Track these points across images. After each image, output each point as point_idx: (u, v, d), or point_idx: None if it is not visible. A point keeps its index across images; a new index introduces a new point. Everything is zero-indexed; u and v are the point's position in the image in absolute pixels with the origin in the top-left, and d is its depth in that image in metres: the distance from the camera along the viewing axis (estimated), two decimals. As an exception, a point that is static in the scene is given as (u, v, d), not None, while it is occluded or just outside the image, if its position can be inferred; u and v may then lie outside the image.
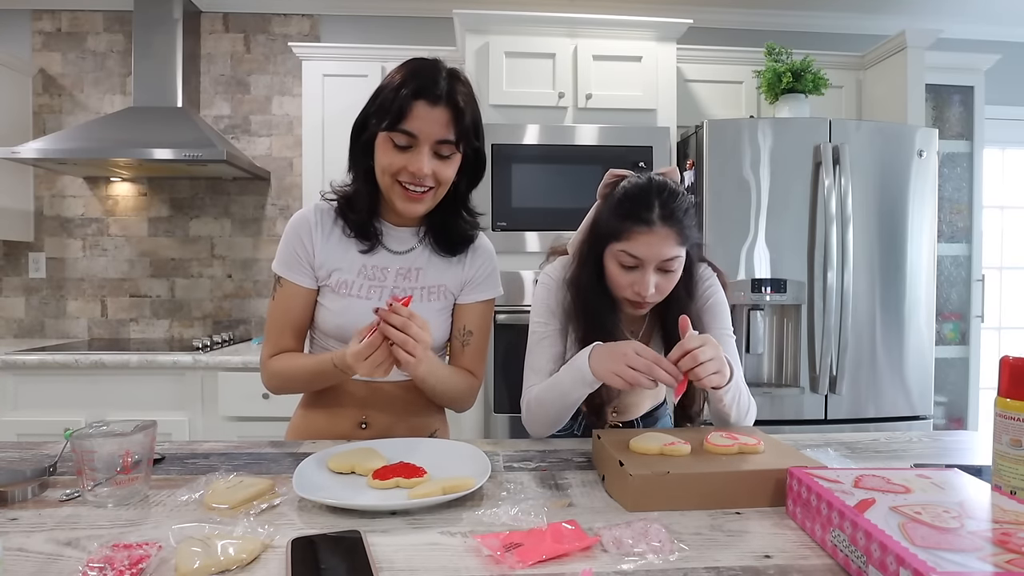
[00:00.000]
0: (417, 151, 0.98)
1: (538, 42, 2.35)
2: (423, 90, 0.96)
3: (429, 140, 0.98)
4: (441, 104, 0.97)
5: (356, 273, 1.08)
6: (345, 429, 1.11)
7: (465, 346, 1.14)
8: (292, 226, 1.10)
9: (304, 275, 1.08)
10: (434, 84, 0.97)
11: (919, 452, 1.05)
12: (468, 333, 1.14)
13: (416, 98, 0.96)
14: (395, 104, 0.96)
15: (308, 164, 2.62)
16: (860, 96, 2.74)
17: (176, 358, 2.28)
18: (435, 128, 0.97)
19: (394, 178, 1.00)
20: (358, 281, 1.07)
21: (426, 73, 0.98)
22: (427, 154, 0.98)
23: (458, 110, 0.98)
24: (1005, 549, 0.54)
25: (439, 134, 0.98)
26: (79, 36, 2.87)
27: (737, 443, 0.86)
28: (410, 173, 0.98)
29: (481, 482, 0.83)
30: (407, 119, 0.96)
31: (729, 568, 0.62)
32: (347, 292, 1.07)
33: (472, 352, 1.15)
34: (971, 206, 2.68)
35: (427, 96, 0.96)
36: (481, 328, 1.15)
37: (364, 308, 1.04)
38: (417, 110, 0.96)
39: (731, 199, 2.21)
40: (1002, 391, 0.73)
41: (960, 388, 2.68)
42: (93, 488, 0.76)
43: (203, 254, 2.94)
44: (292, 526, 0.71)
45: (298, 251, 1.08)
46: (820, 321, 2.21)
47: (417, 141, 0.97)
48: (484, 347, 1.17)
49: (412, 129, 0.97)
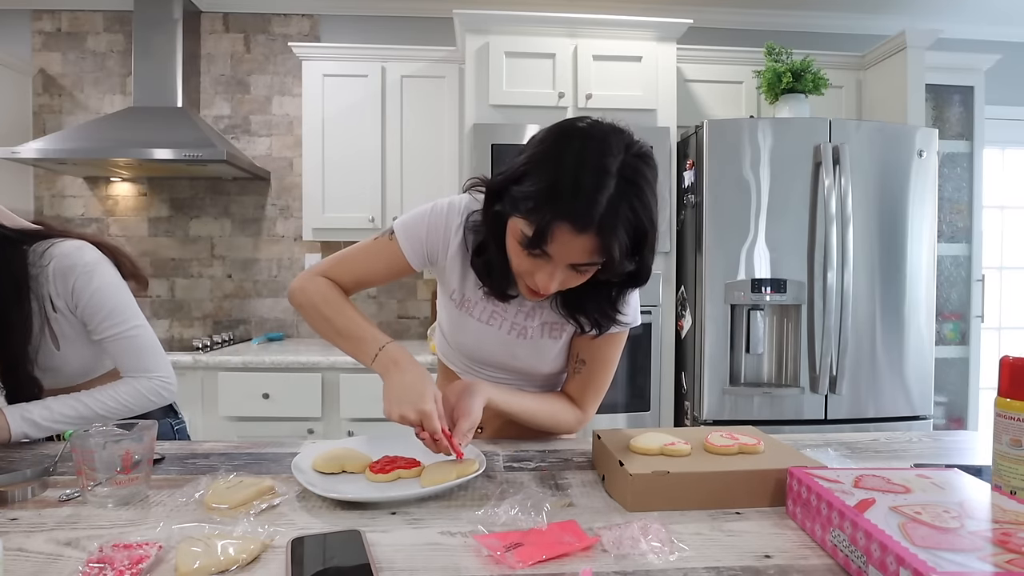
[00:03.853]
0: (547, 265, 0.83)
1: (538, 42, 2.36)
2: (570, 213, 0.76)
3: (564, 262, 0.82)
4: (591, 232, 0.77)
5: (481, 297, 1.02)
6: None
7: (576, 374, 1.07)
8: (440, 213, 0.99)
9: (415, 253, 1.00)
10: (589, 208, 0.75)
11: (919, 452, 1.05)
12: (580, 362, 1.06)
13: (560, 219, 0.76)
14: (534, 216, 0.78)
15: (308, 164, 2.62)
16: (860, 96, 2.74)
17: (176, 358, 2.28)
18: (575, 254, 0.80)
19: (519, 275, 0.89)
20: (480, 304, 1.03)
21: (580, 185, 0.76)
22: (558, 272, 0.83)
23: (612, 239, 0.77)
24: (1005, 549, 0.54)
25: (579, 259, 0.81)
26: (79, 36, 2.87)
27: (737, 443, 0.86)
28: (534, 282, 0.86)
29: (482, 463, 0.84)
30: (545, 241, 0.78)
31: (729, 568, 0.62)
32: (469, 312, 1.04)
33: (580, 382, 1.06)
34: (971, 206, 2.68)
35: (574, 221, 0.76)
36: (596, 360, 1.04)
37: (481, 332, 1.03)
38: (558, 233, 0.77)
39: (731, 199, 2.21)
40: (1002, 391, 0.73)
41: (960, 388, 2.68)
42: (93, 488, 0.76)
43: (203, 254, 2.94)
44: (292, 526, 0.71)
45: (427, 238, 0.99)
46: (820, 321, 2.21)
47: (551, 259, 0.81)
48: (599, 380, 1.06)
49: (548, 250, 0.80)
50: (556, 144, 0.81)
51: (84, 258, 1.05)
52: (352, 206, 2.63)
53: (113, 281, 1.10)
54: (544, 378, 1.10)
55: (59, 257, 1.03)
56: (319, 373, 2.36)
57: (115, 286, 1.10)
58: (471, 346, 1.07)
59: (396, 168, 2.64)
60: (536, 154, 0.82)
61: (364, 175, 2.63)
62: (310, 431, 2.37)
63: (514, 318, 1.03)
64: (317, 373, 2.36)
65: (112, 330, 1.08)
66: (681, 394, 2.43)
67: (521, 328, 1.03)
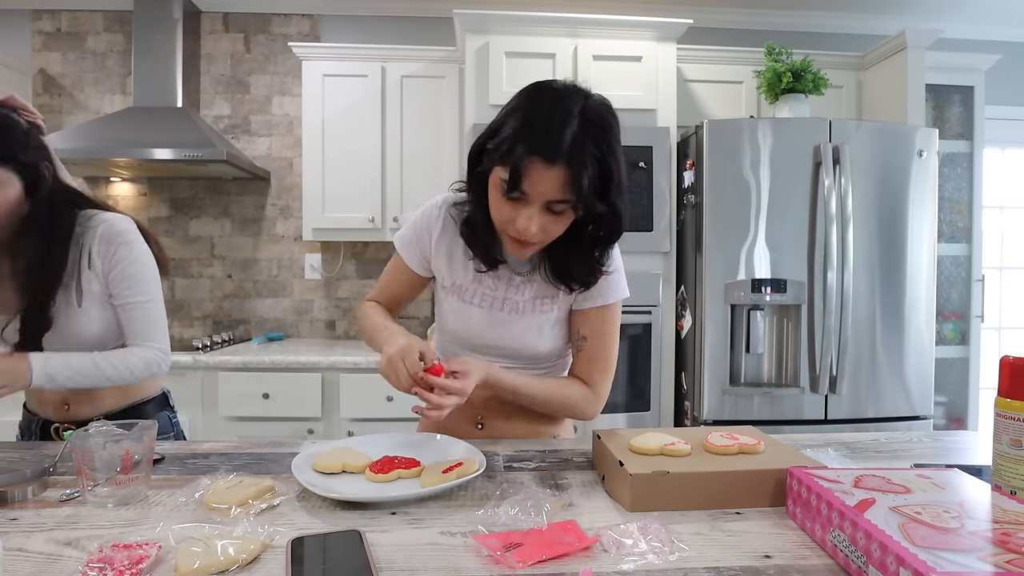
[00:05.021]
0: (526, 208, 0.89)
1: (538, 42, 2.35)
2: (540, 147, 0.84)
3: (540, 200, 0.88)
4: (560, 163, 0.85)
5: (472, 279, 1.08)
6: (463, 425, 1.11)
7: (580, 352, 1.09)
8: (423, 213, 1.11)
9: (415, 260, 1.11)
10: (557, 139, 0.84)
11: (919, 452, 1.05)
12: (582, 339, 1.08)
13: (532, 154, 0.85)
14: (509, 158, 0.86)
15: (308, 164, 2.62)
16: (860, 96, 2.74)
17: (176, 358, 2.28)
18: (549, 189, 0.87)
19: (502, 227, 0.95)
20: (472, 287, 1.08)
21: (550, 121, 0.85)
22: (536, 213, 0.89)
23: (581, 170, 0.85)
24: (1005, 549, 0.54)
25: (553, 195, 0.87)
26: (79, 36, 2.87)
27: (737, 443, 0.86)
28: (516, 229, 0.91)
29: (482, 463, 0.84)
30: (520, 178, 0.86)
31: (729, 568, 0.62)
32: (459, 297, 1.09)
33: (585, 358, 1.08)
34: (971, 206, 2.68)
35: (544, 153, 0.84)
36: (597, 333, 1.07)
37: (475, 315, 1.08)
38: (531, 169, 0.85)
39: (731, 199, 2.21)
40: (1002, 391, 0.73)
41: (960, 388, 2.68)
42: (93, 488, 0.76)
43: (203, 254, 2.94)
44: (292, 526, 0.71)
45: (418, 238, 1.10)
46: (820, 321, 2.21)
47: (528, 198, 0.88)
48: (602, 353, 1.08)
49: (524, 188, 0.87)
50: (525, 98, 0.91)
51: (131, 229, 1.17)
52: (352, 206, 2.63)
53: (147, 258, 1.20)
54: (545, 358, 1.11)
55: (109, 223, 1.15)
56: (319, 373, 2.36)
57: (148, 262, 1.20)
58: (470, 333, 1.09)
59: (396, 168, 2.64)
60: (507, 109, 0.92)
61: (364, 175, 2.63)
62: (310, 431, 2.37)
63: (505, 294, 1.07)
64: (317, 373, 2.36)
65: (133, 298, 1.16)
66: (681, 394, 2.43)
67: (513, 304, 1.07)
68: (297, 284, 2.98)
